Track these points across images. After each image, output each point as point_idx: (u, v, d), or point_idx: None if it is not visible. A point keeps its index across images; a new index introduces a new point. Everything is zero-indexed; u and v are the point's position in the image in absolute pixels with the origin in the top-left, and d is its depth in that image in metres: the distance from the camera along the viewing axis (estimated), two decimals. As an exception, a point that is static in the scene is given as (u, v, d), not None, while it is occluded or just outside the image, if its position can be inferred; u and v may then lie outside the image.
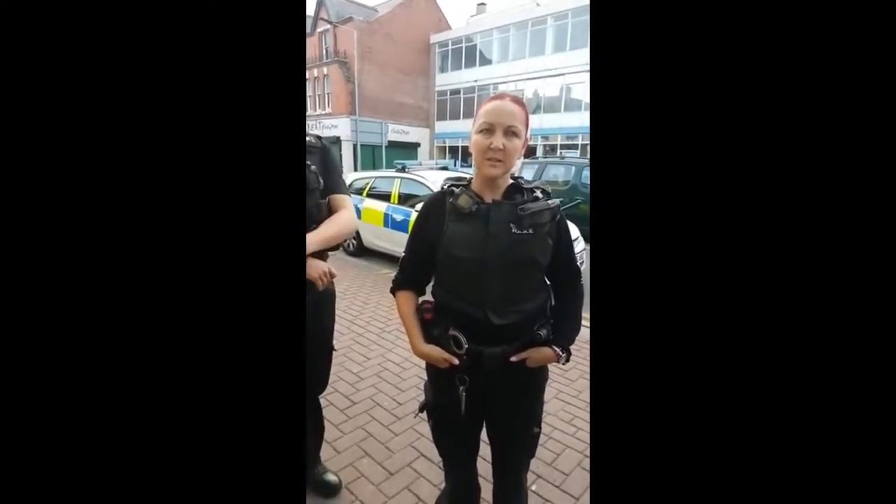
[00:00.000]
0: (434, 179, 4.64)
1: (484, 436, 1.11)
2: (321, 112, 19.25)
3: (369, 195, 5.31)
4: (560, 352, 0.97)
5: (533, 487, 1.59)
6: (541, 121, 17.08)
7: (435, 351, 0.97)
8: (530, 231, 0.90)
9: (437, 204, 0.99)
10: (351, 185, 5.58)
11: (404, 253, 1.06)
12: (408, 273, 1.06)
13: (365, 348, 2.80)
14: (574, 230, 3.45)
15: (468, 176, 1.04)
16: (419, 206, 1.26)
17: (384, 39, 19.06)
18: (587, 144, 15.43)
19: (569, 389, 2.30)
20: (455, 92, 20.51)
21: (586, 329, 2.07)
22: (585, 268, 3.88)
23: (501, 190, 0.96)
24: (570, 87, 16.78)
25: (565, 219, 1.00)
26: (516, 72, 18.30)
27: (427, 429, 1.17)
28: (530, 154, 11.10)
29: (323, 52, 19.31)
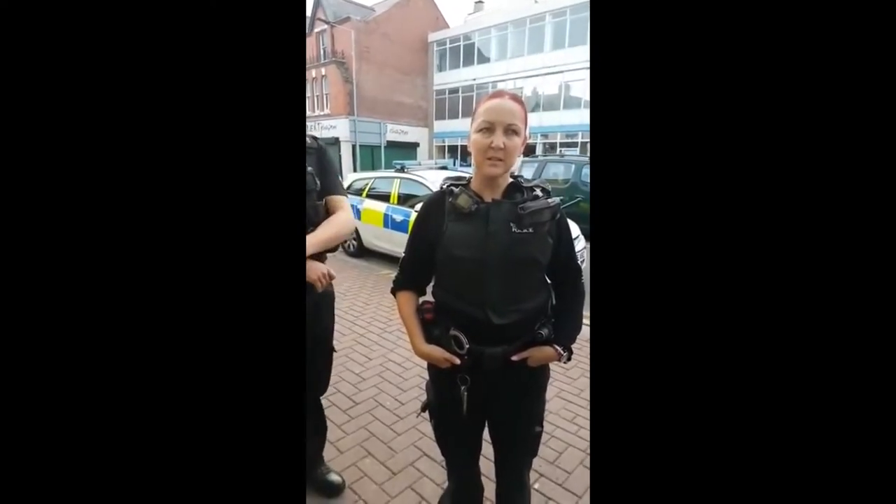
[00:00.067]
0: (433, 179, 4.63)
1: (486, 435, 1.11)
2: (320, 113, 19.23)
3: (369, 196, 5.31)
4: (561, 351, 0.97)
5: (536, 486, 1.59)
6: (540, 119, 17.07)
7: (436, 351, 0.97)
8: (530, 230, 0.90)
9: (437, 204, 0.98)
10: (350, 186, 5.58)
11: (404, 253, 1.06)
12: (408, 273, 1.06)
13: (366, 349, 2.80)
14: (574, 228, 3.44)
15: (468, 175, 1.04)
16: (419, 207, 1.26)
17: (382, 39, 19.03)
18: (587, 142, 15.42)
19: (570, 388, 2.30)
20: (454, 91, 20.48)
21: (587, 327, 2.07)
22: (586, 266, 3.88)
23: (501, 189, 0.95)
24: (570, 85, 16.75)
25: (565, 217, 1.00)
26: (515, 70, 18.27)
27: (429, 428, 1.17)
28: (530, 152, 11.07)
29: (321, 53, 19.28)
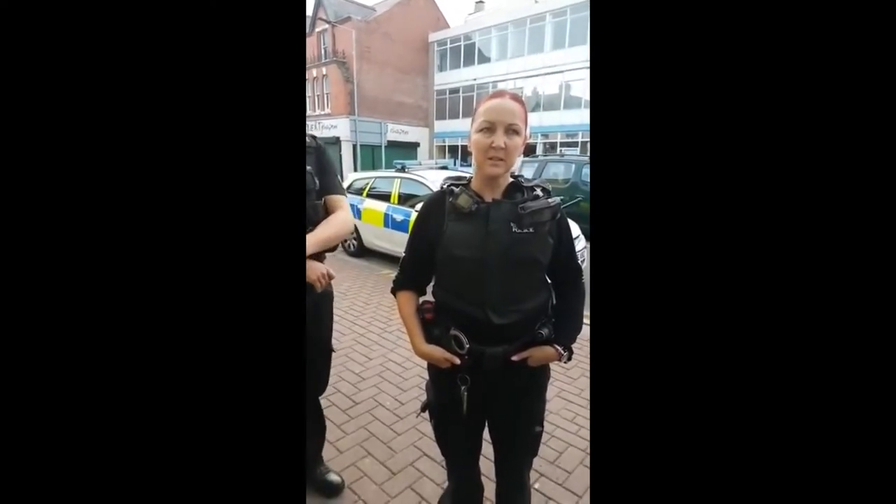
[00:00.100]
0: (434, 179, 4.63)
1: (486, 435, 1.11)
2: (320, 112, 19.24)
3: (369, 195, 5.31)
4: (562, 350, 0.97)
5: (536, 486, 1.59)
6: (540, 118, 17.07)
7: (436, 351, 0.97)
8: (530, 230, 0.90)
9: (437, 204, 0.98)
10: (351, 186, 5.58)
11: (404, 253, 1.06)
12: (408, 273, 1.06)
13: (366, 348, 2.80)
14: (574, 228, 3.44)
15: (468, 175, 1.04)
16: (419, 206, 1.25)
17: (383, 39, 19.03)
18: (587, 142, 15.41)
19: (571, 388, 2.30)
20: (454, 91, 20.48)
21: (587, 327, 2.07)
22: (586, 266, 3.88)
23: (501, 189, 0.95)
24: (570, 85, 16.75)
25: (566, 217, 1.00)
26: (515, 69, 18.26)
27: (429, 428, 1.16)
28: (530, 152, 11.07)
29: (321, 53, 19.29)
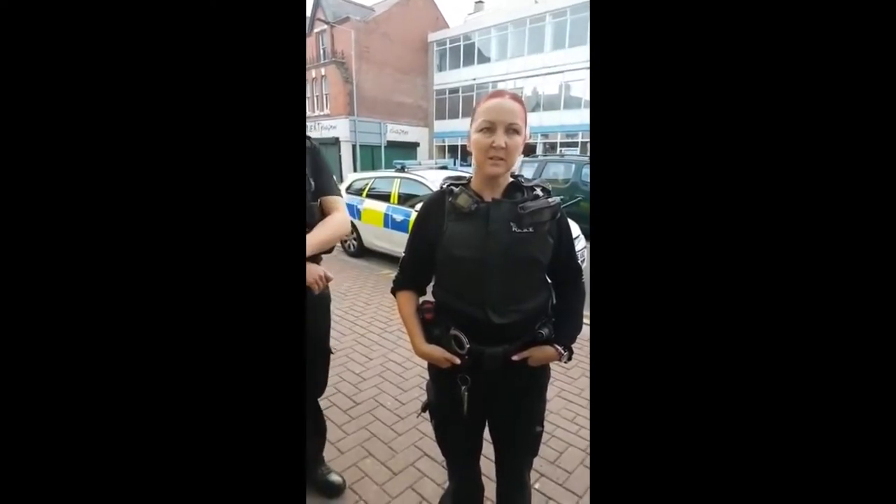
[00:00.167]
0: (434, 179, 4.62)
1: (487, 435, 1.11)
2: (319, 113, 19.24)
3: (369, 196, 5.30)
4: (562, 350, 0.97)
5: (536, 486, 1.59)
6: (540, 119, 17.07)
7: (436, 351, 0.97)
8: (530, 230, 0.90)
9: (437, 203, 0.98)
10: (350, 186, 5.58)
11: (404, 253, 1.06)
12: (408, 273, 1.06)
13: (367, 349, 2.80)
14: (574, 228, 3.44)
15: (468, 175, 1.04)
16: (419, 206, 1.25)
17: (382, 39, 19.03)
18: (587, 142, 15.41)
19: (571, 388, 2.30)
20: (454, 91, 20.49)
21: (587, 327, 2.07)
22: (586, 266, 3.88)
23: (501, 188, 0.95)
24: (570, 85, 16.75)
25: (566, 217, 1.00)
26: (515, 70, 18.27)
27: (430, 428, 1.16)
28: (530, 152, 11.07)
29: (320, 53, 19.29)
